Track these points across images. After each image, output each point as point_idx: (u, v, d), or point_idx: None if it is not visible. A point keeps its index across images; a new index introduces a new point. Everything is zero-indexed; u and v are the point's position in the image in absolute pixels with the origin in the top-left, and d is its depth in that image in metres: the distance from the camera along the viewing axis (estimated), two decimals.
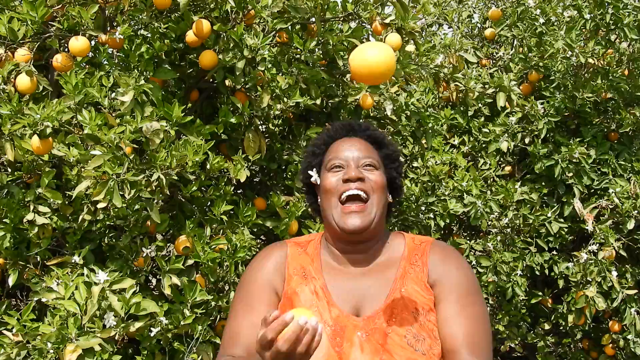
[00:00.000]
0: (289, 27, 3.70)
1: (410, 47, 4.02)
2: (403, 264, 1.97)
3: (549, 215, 4.84)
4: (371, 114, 4.19)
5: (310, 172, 2.09)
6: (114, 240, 3.31)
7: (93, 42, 3.35)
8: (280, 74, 3.65)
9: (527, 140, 5.12)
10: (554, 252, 5.05)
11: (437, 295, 1.91)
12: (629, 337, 4.66)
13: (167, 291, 3.15)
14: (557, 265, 4.96)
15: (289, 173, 3.93)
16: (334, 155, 2.03)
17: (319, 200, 2.08)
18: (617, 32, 4.83)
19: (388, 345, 1.80)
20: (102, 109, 3.03)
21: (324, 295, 1.91)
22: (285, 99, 3.57)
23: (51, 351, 2.74)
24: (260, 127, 3.73)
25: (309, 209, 2.21)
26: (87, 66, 3.56)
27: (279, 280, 1.97)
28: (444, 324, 1.86)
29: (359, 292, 1.93)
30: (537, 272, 4.96)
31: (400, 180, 2.13)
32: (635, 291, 4.58)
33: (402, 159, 2.21)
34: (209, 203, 3.53)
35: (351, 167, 1.98)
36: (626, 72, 5.29)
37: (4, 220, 3.15)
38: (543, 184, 5.11)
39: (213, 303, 3.33)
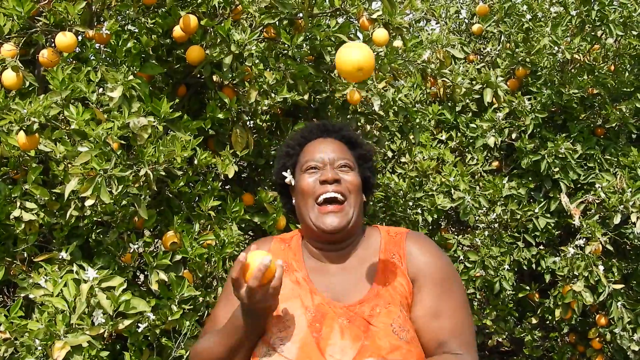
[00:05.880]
0: (277, 23, 3.69)
1: (398, 43, 4.03)
2: (381, 256, 1.98)
3: (536, 210, 4.86)
4: (359, 110, 4.19)
5: (284, 173, 2.10)
6: (101, 236, 3.30)
7: (80, 38, 3.34)
8: (268, 70, 3.64)
9: (514, 136, 5.14)
10: (541, 247, 5.07)
11: (418, 287, 1.93)
12: (616, 330, 4.69)
13: (155, 287, 3.14)
14: (544, 260, 4.99)
15: None
16: (310, 157, 2.04)
17: (293, 201, 2.09)
18: (602, 29, 4.85)
19: (371, 332, 1.81)
20: (90, 104, 3.01)
21: (306, 284, 1.93)
22: (272, 95, 3.57)
23: (39, 348, 2.72)
24: (247, 122, 3.73)
25: (284, 210, 2.22)
26: (74, 61, 3.54)
27: None
28: (427, 316, 1.88)
29: (339, 286, 1.95)
30: (525, 267, 4.98)
31: (373, 180, 2.15)
32: (622, 285, 4.61)
33: (376, 158, 2.24)
34: (197, 199, 3.52)
35: (327, 169, 1.99)
36: (612, 68, 5.33)
37: None
38: (530, 179, 5.13)
39: (201, 299, 3.32)
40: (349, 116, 4.11)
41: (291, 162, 2.11)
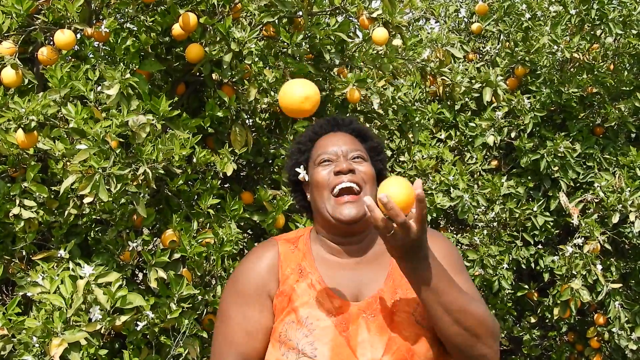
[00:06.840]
0: (276, 21, 3.69)
1: (397, 42, 4.03)
2: None
3: (534, 209, 4.86)
4: (358, 108, 4.19)
5: (297, 169, 2.08)
6: (99, 234, 3.30)
7: (79, 35, 3.33)
8: (267, 68, 3.64)
9: (513, 135, 5.14)
10: (540, 246, 5.07)
11: None
12: (614, 329, 4.70)
13: (154, 285, 3.14)
14: (543, 259, 4.99)
15: (276, 167, 3.93)
16: (322, 151, 2.02)
17: (307, 197, 2.08)
18: (602, 27, 4.86)
19: (395, 323, 1.81)
20: (88, 102, 3.01)
21: (321, 287, 1.90)
22: (272, 93, 3.56)
23: (37, 345, 2.72)
24: (247, 120, 3.72)
25: (297, 207, 2.20)
26: (73, 59, 3.54)
27: (273, 282, 1.93)
28: None
29: (357, 280, 1.92)
30: (523, 266, 4.98)
31: (386, 172, 2.13)
32: (620, 285, 4.62)
33: (386, 152, 2.22)
34: (196, 197, 3.52)
35: (341, 160, 1.98)
36: (611, 67, 5.33)
37: None
38: (529, 177, 5.14)
39: (199, 297, 3.32)
40: (347, 114, 4.11)
41: (303, 158, 2.09)
